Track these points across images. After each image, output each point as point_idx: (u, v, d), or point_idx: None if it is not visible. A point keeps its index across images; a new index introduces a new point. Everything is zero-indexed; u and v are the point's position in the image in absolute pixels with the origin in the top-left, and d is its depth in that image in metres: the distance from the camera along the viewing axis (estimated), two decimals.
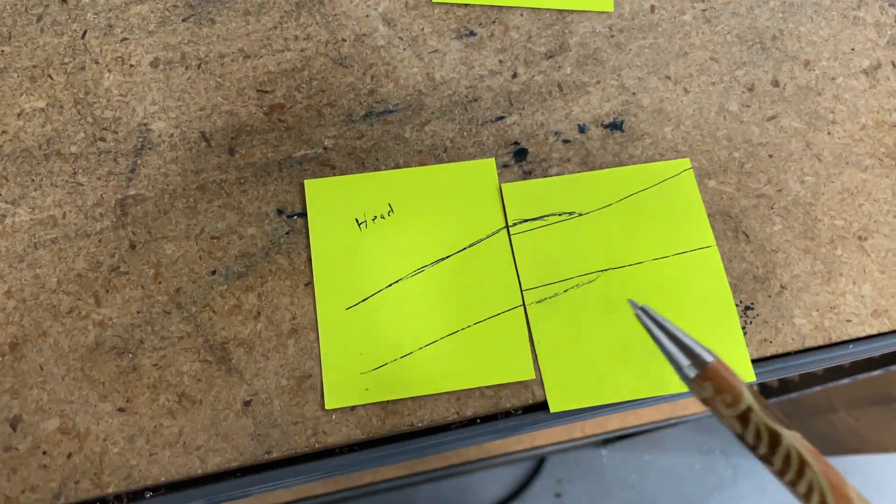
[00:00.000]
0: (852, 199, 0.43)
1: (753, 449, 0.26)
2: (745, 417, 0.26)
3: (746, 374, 0.39)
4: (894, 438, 0.92)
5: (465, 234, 0.41)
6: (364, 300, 0.39)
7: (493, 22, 0.45)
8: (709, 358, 0.28)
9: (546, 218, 0.41)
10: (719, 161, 0.43)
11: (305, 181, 0.41)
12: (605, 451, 1.23)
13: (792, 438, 0.25)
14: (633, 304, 0.30)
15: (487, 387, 0.38)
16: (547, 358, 0.39)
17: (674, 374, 0.38)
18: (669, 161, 0.43)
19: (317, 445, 0.37)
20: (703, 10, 0.46)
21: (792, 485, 0.25)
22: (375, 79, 0.44)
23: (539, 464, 1.21)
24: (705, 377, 0.27)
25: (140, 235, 0.40)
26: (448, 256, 0.41)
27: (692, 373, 0.28)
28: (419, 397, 0.38)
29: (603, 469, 1.23)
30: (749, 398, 0.26)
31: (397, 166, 0.42)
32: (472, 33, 0.45)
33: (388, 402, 0.38)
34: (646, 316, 0.29)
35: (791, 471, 0.25)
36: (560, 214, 0.42)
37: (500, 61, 0.45)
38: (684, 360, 0.28)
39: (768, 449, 0.26)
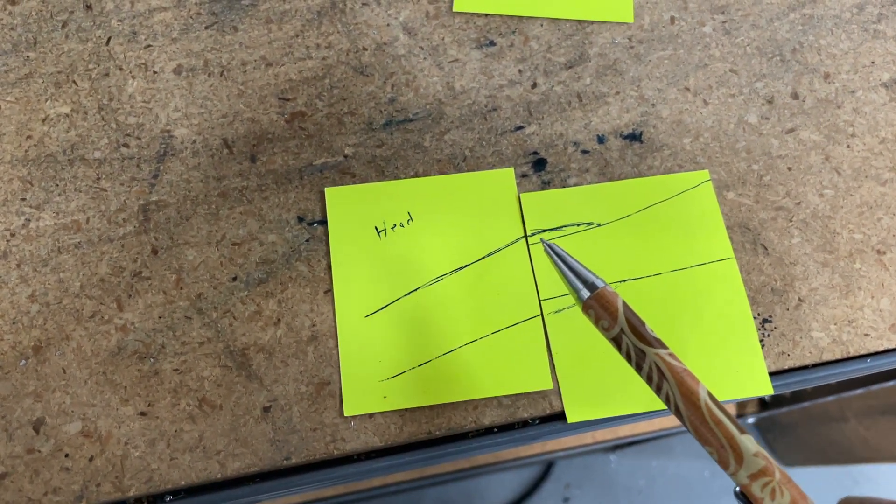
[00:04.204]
0: (871, 213, 0.43)
1: (630, 363, 0.31)
2: (618, 339, 0.30)
3: (763, 386, 0.39)
4: None
5: (484, 244, 0.41)
6: (383, 308, 0.40)
7: (514, 32, 0.46)
8: (599, 284, 0.31)
9: (564, 228, 0.42)
10: (738, 173, 0.43)
11: (326, 189, 0.42)
12: (614, 457, 1.23)
13: (655, 356, 0.29)
14: (543, 241, 0.34)
15: (505, 396, 0.39)
16: (564, 368, 0.39)
17: None
18: (688, 172, 0.43)
19: (335, 452, 0.37)
20: (723, 22, 0.46)
21: (657, 392, 0.30)
22: (396, 87, 0.44)
23: (547, 468, 1.21)
24: (593, 301, 0.31)
25: (162, 241, 0.40)
26: (467, 265, 0.41)
27: (585, 295, 0.31)
28: (437, 405, 0.38)
29: (611, 474, 1.23)
30: (622, 322, 0.30)
31: (417, 175, 0.42)
32: (493, 43, 0.45)
33: (406, 409, 0.38)
34: (551, 251, 0.33)
35: (653, 383, 0.30)
36: (578, 225, 0.42)
37: (520, 71, 0.45)
38: (580, 286, 0.32)
39: (636, 366, 0.30)
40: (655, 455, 1.25)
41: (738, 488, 0.28)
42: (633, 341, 0.30)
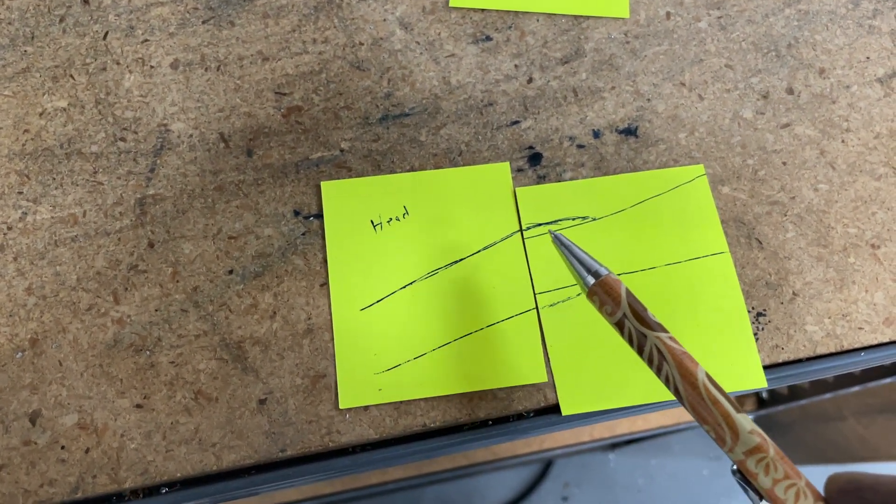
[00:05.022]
0: (865, 208, 0.43)
1: (632, 346, 0.31)
2: (621, 324, 0.32)
3: (757, 380, 0.39)
4: None
5: (480, 238, 0.41)
6: (378, 301, 0.40)
7: (510, 27, 0.46)
8: (604, 272, 0.33)
9: (560, 222, 0.42)
10: (733, 168, 0.43)
11: (322, 183, 0.42)
12: (613, 455, 1.23)
13: (655, 339, 0.30)
14: (551, 232, 0.36)
15: (500, 389, 0.39)
16: (559, 361, 0.39)
17: None
18: (683, 167, 0.43)
19: (330, 444, 0.37)
20: (719, 18, 0.47)
21: (658, 374, 0.30)
22: (392, 82, 0.44)
23: (546, 467, 1.21)
24: (597, 288, 0.32)
25: (159, 234, 0.40)
26: (462, 259, 0.41)
27: (591, 282, 0.33)
28: (432, 398, 0.38)
29: (610, 473, 1.23)
30: (625, 307, 0.31)
31: (413, 169, 0.43)
32: (489, 38, 0.46)
33: (401, 402, 0.38)
34: (558, 241, 0.35)
35: (654, 365, 0.30)
36: (574, 219, 0.42)
37: (516, 66, 0.45)
38: (585, 274, 0.33)
39: (637, 349, 0.31)
40: (654, 454, 1.25)
41: (734, 466, 0.28)
42: (635, 325, 0.31)
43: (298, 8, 0.45)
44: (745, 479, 0.28)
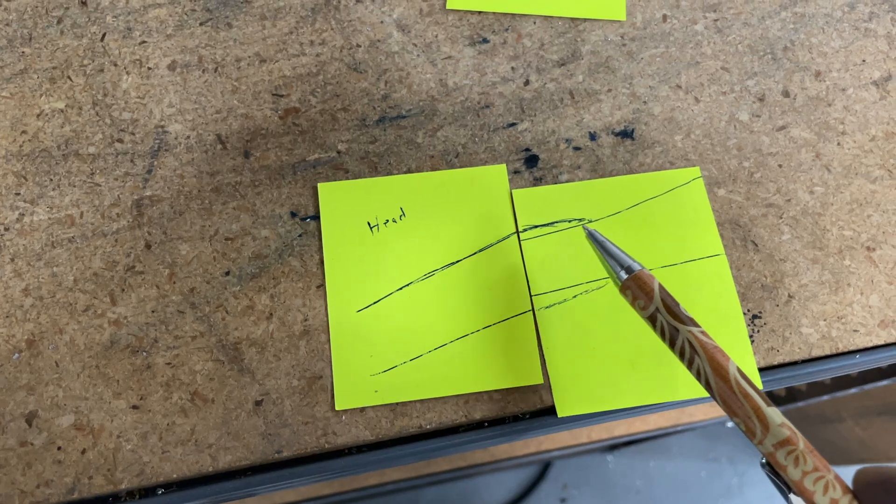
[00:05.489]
0: (861, 210, 0.43)
1: (663, 340, 0.32)
2: (653, 318, 0.32)
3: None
4: None
5: (476, 239, 0.41)
6: (375, 303, 0.40)
7: (507, 29, 0.46)
8: (637, 267, 0.33)
9: (556, 224, 0.42)
10: (729, 170, 0.43)
11: (319, 184, 0.42)
12: (611, 457, 1.23)
13: (687, 333, 0.31)
14: (584, 227, 0.36)
15: (496, 391, 0.39)
16: (555, 363, 0.39)
17: (682, 380, 0.39)
18: (679, 169, 0.43)
19: (326, 446, 0.37)
20: (715, 20, 0.47)
21: (689, 367, 0.31)
22: (389, 84, 0.44)
23: (545, 468, 1.22)
24: (630, 283, 0.33)
25: (155, 236, 0.40)
26: (458, 261, 0.41)
27: (624, 277, 0.33)
28: (428, 400, 0.39)
29: (609, 475, 1.23)
30: (658, 301, 0.32)
31: (409, 171, 0.43)
32: (486, 40, 0.46)
33: (397, 404, 0.38)
34: (592, 237, 0.35)
35: (685, 358, 0.31)
36: (570, 221, 0.42)
37: (513, 68, 0.45)
38: (619, 269, 0.34)
39: (669, 342, 0.32)
40: (653, 455, 1.25)
41: (764, 459, 0.29)
42: (668, 319, 0.32)
43: (296, 10, 0.45)
44: (773, 472, 0.29)
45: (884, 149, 0.44)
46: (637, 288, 0.33)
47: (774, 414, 0.28)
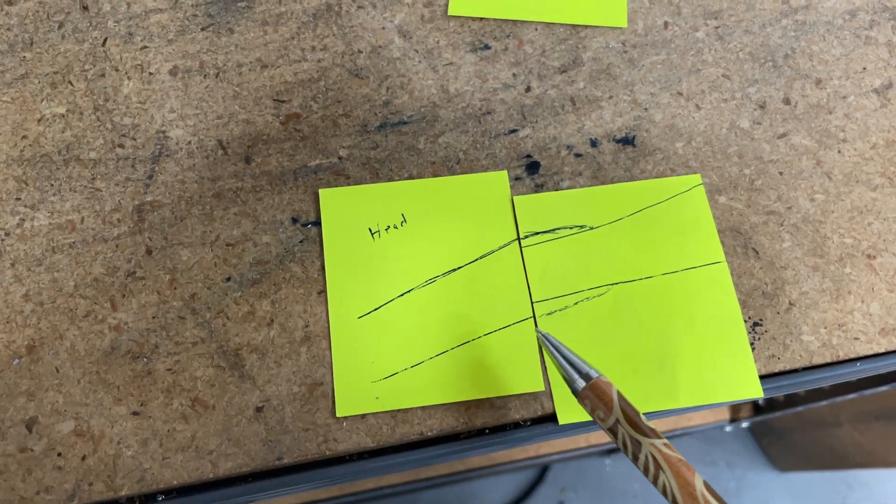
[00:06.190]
0: (861, 218, 0.43)
1: (626, 454, 0.30)
2: (614, 429, 0.31)
3: (754, 389, 0.39)
4: None
5: (477, 246, 0.41)
6: (376, 309, 0.40)
7: (508, 36, 0.46)
8: (594, 375, 0.32)
9: (557, 231, 0.42)
10: (730, 177, 0.43)
11: (320, 190, 0.42)
12: (609, 461, 1.23)
13: (650, 447, 0.29)
14: (538, 331, 0.35)
15: (497, 398, 0.39)
16: (556, 370, 0.39)
17: (683, 387, 0.39)
18: (680, 177, 0.43)
19: (327, 452, 0.37)
20: (716, 28, 0.47)
21: (654, 483, 0.29)
22: (391, 90, 0.44)
23: (542, 472, 1.21)
24: (588, 392, 0.32)
25: (156, 241, 0.40)
26: (459, 267, 0.41)
27: (581, 385, 0.32)
28: (429, 406, 0.38)
29: (606, 478, 1.23)
30: (617, 413, 0.31)
31: (411, 177, 0.43)
32: (487, 47, 0.46)
33: (398, 410, 0.38)
34: (547, 341, 0.34)
35: (650, 474, 0.29)
36: (571, 228, 0.42)
37: (514, 75, 0.45)
38: (575, 376, 0.32)
39: (632, 457, 0.30)
40: None
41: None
42: (629, 431, 0.30)
43: (297, 15, 0.45)
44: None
45: (884, 156, 0.44)
46: (595, 397, 0.31)
47: None
